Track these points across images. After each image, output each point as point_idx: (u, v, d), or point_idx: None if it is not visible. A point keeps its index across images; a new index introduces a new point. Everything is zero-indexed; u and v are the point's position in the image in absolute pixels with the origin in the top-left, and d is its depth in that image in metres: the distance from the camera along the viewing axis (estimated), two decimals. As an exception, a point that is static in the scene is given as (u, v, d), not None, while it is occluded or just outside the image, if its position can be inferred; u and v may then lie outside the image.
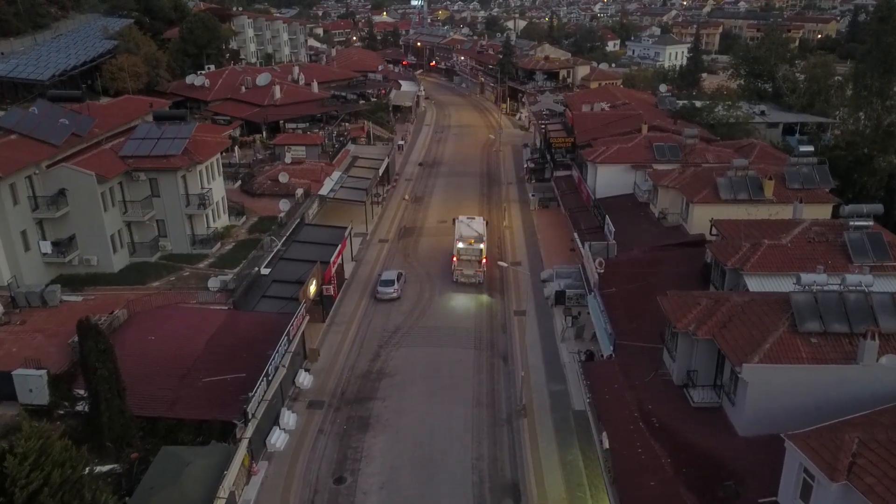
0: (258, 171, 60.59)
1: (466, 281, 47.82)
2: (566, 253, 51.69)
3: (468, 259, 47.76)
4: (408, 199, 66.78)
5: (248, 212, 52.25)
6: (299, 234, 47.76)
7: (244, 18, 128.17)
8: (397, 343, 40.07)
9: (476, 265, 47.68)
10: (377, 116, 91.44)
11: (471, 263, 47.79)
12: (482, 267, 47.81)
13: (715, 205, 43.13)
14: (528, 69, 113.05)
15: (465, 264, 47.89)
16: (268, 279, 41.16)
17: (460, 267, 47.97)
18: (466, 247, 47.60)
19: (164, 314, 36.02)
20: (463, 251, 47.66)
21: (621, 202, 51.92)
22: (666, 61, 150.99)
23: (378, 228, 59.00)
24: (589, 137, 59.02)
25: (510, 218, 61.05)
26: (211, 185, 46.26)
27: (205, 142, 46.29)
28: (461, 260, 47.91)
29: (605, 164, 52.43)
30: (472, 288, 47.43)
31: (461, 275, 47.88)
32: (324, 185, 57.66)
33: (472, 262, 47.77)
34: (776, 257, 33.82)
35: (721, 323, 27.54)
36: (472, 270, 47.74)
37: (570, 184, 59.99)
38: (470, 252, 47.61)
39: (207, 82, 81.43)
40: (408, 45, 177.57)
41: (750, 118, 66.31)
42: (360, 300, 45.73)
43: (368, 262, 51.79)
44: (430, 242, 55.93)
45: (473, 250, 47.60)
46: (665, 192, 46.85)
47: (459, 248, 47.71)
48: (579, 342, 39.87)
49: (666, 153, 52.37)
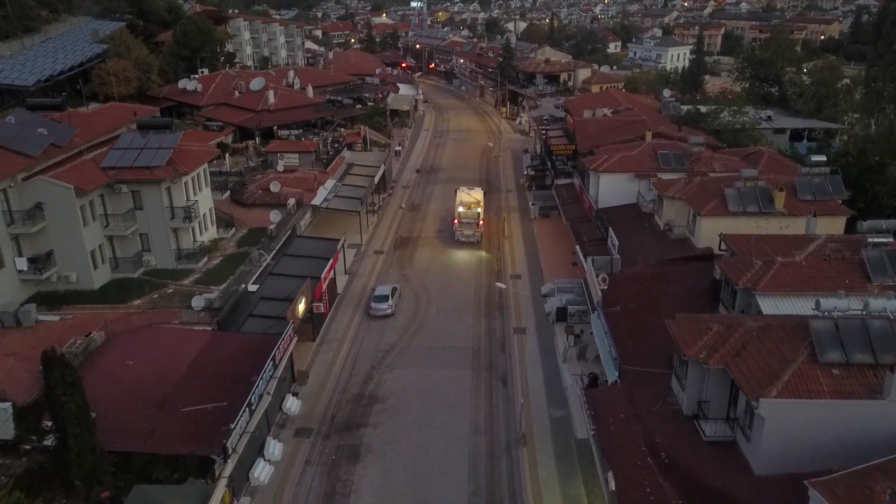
0: (249, 179, 58.76)
1: (466, 240, 55.06)
2: (568, 265, 49.83)
3: (468, 221, 55.09)
4: (404, 207, 64.94)
5: (238, 223, 50.36)
6: (290, 248, 45.90)
7: (240, 21, 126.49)
8: (391, 364, 38.21)
9: (474, 227, 55.07)
10: (374, 121, 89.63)
11: (470, 225, 55.19)
12: (479, 228, 55.20)
13: (723, 217, 41.33)
14: (528, 72, 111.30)
15: (464, 226, 55.21)
16: (255, 296, 39.31)
17: (461, 228, 55.24)
18: (466, 210, 55.02)
19: (143, 336, 34.20)
20: (463, 214, 54.98)
21: (625, 212, 50.07)
22: (668, 63, 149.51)
23: (373, 239, 57.11)
24: (591, 144, 57.18)
25: (510, 228, 59.14)
26: (197, 196, 44.40)
27: (191, 151, 44.43)
28: (462, 222, 55.14)
29: (608, 172, 50.57)
30: (470, 300, 45.67)
31: (462, 234, 55.27)
32: (317, 195, 55.83)
33: (471, 223, 55.16)
34: (790, 276, 32.00)
35: (734, 350, 25.70)
36: (471, 231, 55.22)
37: (572, 192, 58.11)
38: (469, 215, 55.04)
39: (200, 87, 79.66)
40: (407, 48, 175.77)
41: (756, 124, 64.44)
42: (353, 316, 43.86)
43: (362, 275, 49.91)
44: (426, 254, 54.04)
45: (472, 213, 55.10)
46: (671, 203, 45.01)
47: (461, 212, 55.07)
48: (582, 363, 38.00)
49: (671, 161, 50.52)
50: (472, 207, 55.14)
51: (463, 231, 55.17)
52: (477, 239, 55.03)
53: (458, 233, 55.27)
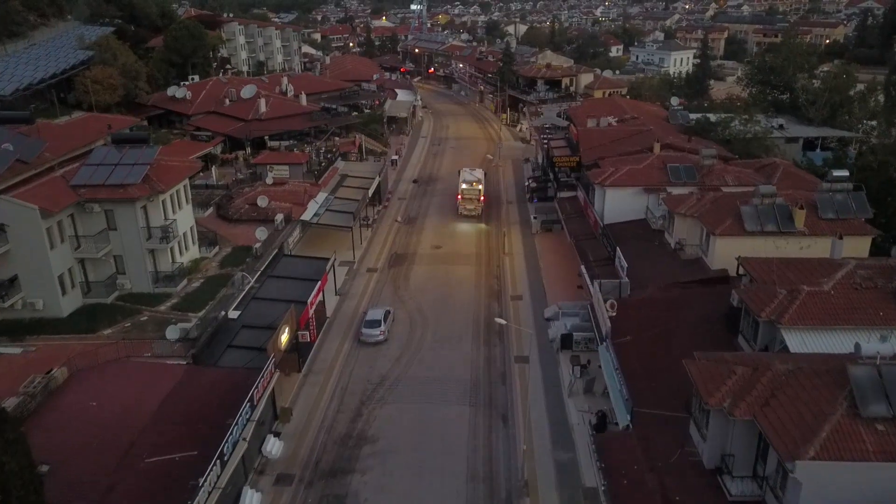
0: (237, 192, 55.96)
1: (468, 214, 61.76)
2: (572, 284, 46.94)
3: (470, 197, 61.97)
4: (400, 220, 62.06)
5: (222, 241, 47.51)
6: (276, 268, 43.04)
7: (235, 25, 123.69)
8: (382, 398, 35.31)
9: (476, 202, 61.86)
10: (371, 129, 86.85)
11: (472, 200, 62.00)
12: (480, 203, 61.86)
13: (739, 237, 38.54)
14: (529, 77, 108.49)
15: (467, 201, 62.00)
16: (236, 324, 36.45)
17: (464, 203, 62.07)
18: (469, 188, 61.96)
19: (111, 372, 31.32)
20: (466, 191, 61.98)
21: (632, 229, 47.22)
22: (671, 67, 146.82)
23: (366, 256, 54.22)
24: (595, 156, 54.36)
25: (510, 243, 56.26)
26: (177, 214, 41.57)
27: (169, 167, 41.62)
28: (465, 198, 61.99)
29: (615, 187, 47.75)
30: (469, 324, 42.83)
31: (464, 209, 62.13)
32: (307, 209, 52.97)
33: (472, 199, 61.99)
34: (818, 307, 29.20)
35: (762, 399, 22.89)
36: (473, 205, 61.95)
37: (576, 206, 55.25)
38: (471, 192, 61.90)
39: (189, 94, 76.91)
40: (406, 52, 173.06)
41: (768, 133, 61.55)
42: (343, 343, 40.96)
43: (354, 296, 47.00)
44: (423, 272, 51.14)
45: (474, 190, 61.96)
46: (682, 220, 42.16)
47: (464, 189, 62.11)
48: (589, 398, 35.12)
49: (681, 175, 47.71)
50: (474, 185, 62.25)
51: (465, 206, 62.08)
52: (478, 213, 61.81)
53: (462, 207, 62.34)
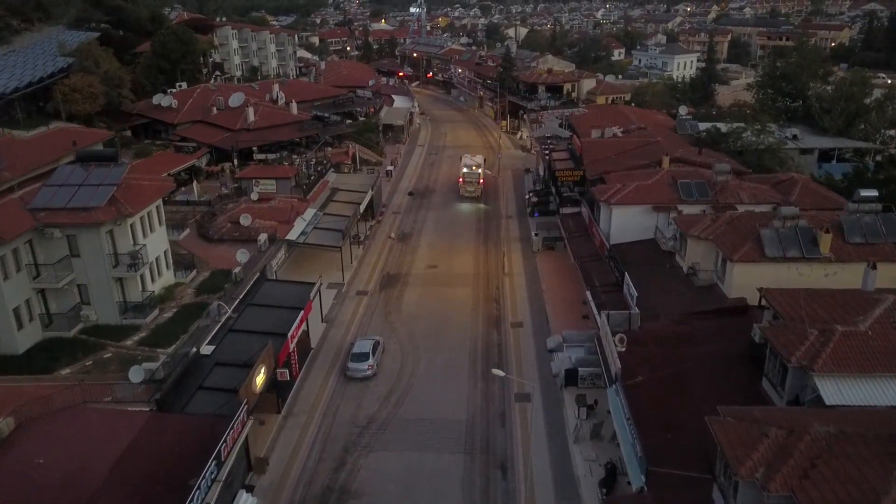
0: (220, 209, 52.70)
1: (469, 195, 67.45)
2: (576, 310, 43.72)
3: (470, 180, 67.68)
4: (394, 237, 58.80)
5: (201, 264, 44.22)
6: (256, 295, 39.80)
7: (228, 29, 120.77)
8: (368, 444, 32.04)
9: (476, 184, 67.66)
10: (365, 138, 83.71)
11: (472, 183, 67.68)
12: (479, 186, 67.81)
13: (759, 263, 35.37)
14: (529, 83, 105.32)
15: (468, 183, 67.78)
16: (209, 362, 33.19)
17: (465, 185, 67.88)
18: (469, 171, 67.86)
19: (64, 421, 28.05)
20: (467, 174, 67.77)
21: (641, 251, 44.04)
22: (674, 71, 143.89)
23: (357, 276, 50.95)
24: (600, 170, 51.18)
25: (510, 263, 52.97)
26: (148, 239, 38.33)
27: (140, 187, 38.40)
28: (466, 181, 67.81)
29: (622, 205, 44.58)
30: (465, 356, 39.64)
31: (465, 191, 67.87)
32: (293, 227, 49.76)
33: (472, 182, 67.67)
34: (855, 351, 26.01)
35: (801, 470, 19.67)
36: (473, 188, 67.70)
37: (580, 223, 51.99)
38: (472, 175, 67.68)
39: (175, 103, 73.63)
40: (404, 56, 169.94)
41: (782, 144, 58.37)
42: (328, 378, 37.70)
43: (342, 324, 43.71)
44: (416, 295, 47.84)
45: (474, 174, 67.71)
46: (695, 243, 38.96)
47: (465, 172, 67.95)
48: (596, 444, 31.87)
49: (693, 192, 44.55)
50: (474, 169, 68.02)
51: (466, 188, 67.84)
52: (478, 194, 67.73)
53: (463, 189, 68.15)
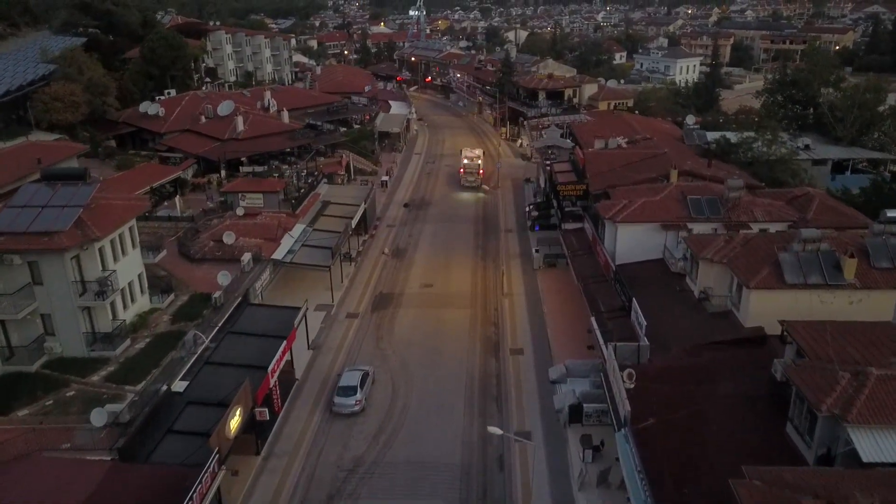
0: (204, 225, 50.03)
1: (470, 185, 73.14)
2: (580, 335, 40.94)
3: (470, 171, 73.51)
4: (387, 253, 56.06)
5: (180, 286, 41.53)
6: (238, 321, 37.10)
7: (221, 34, 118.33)
8: (353, 492, 29.23)
9: (475, 175, 73.38)
10: (360, 146, 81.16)
11: (472, 173, 73.46)
12: (479, 176, 73.49)
13: (778, 290, 32.65)
14: (530, 88, 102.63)
15: (468, 174, 73.53)
16: (181, 401, 30.49)
17: (465, 175, 73.72)
18: (469, 163, 73.85)
19: (15, 473, 25.24)
20: (468, 166, 73.70)
21: (649, 272, 41.27)
22: (677, 75, 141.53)
23: (347, 297, 48.17)
24: (604, 184, 48.48)
25: (510, 281, 50.21)
26: (119, 263, 35.63)
27: (111, 207, 35.70)
28: (466, 172, 73.64)
29: (628, 223, 41.87)
30: (461, 388, 36.92)
31: (466, 180, 73.65)
32: (280, 245, 47.07)
33: (472, 172, 73.46)
34: (893, 398, 23.29)
35: (845, 553, 16.94)
36: (473, 177, 73.39)
37: (583, 240, 49.28)
38: (472, 167, 73.59)
39: (162, 111, 71.04)
40: (402, 60, 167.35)
41: (794, 154, 55.66)
42: (312, 414, 34.93)
43: (329, 350, 40.96)
44: (410, 318, 45.10)
45: (474, 165, 73.69)
46: (708, 266, 36.23)
47: (465, 164, 74.03)
48: (604, 491, 29.12)
49: (704, 209, 41.90)
50: (474, 160, 74.13)
51: (467, 178, 73.75)
52: (477, 184, 73.10)
53: (464, 179, 74.06)
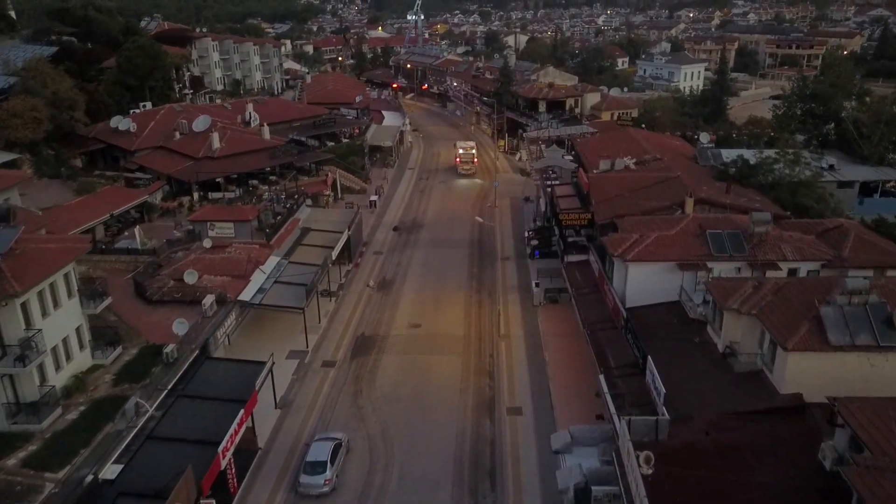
0: (168, 259, 45.04)
1: (466, 172, 79.96)
2: (586, 390, 35.95)
3: (466, 160, 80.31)
4: (372, 285, 51.01)
5: (130, 337, 36.41)
6: (191, 381, 32.07)
7: (208, 41, 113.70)
8: None
9: (470, 163, 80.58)
10: (348, 161, 76.15)
11: (467, 162, 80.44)
12: (474, 165, 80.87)
13: (821, 353, 27.69)
14: (529, 98, 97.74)
15: (464, 163, 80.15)
16: (112, 491, 25.50)
17: (462, 164, 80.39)
18: (465, 152, 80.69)
19: None
20: (463, 155, 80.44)
21: (664, 318, 36.28)
22: (681, 82, 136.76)
23: (325, 340, 43.05)
24: (611, 213, 43.50)
25: (507, 321, 45.13)
26: (50, 317, 30.65)
27: (39, 253, 30.67)
28: (462, 161, 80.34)
29: (640, 262, 36.92)
30: (450, 458, 31.88)
31: (462, 168, 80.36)
32: (250, 283, 42.05)
33: (468, 161, 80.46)
34: None
35: None
36: (468, 166, 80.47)
37: (588, 275, 44.25)
38: (467, 156, 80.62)
39: (134, 126, 66.02)
40: (398, 66, 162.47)
41: (819, 176, 50.69)
42: (276, 494, 29.84)
43: (300, 409, 35.79)
44: (394, 367, 39.90)
45: (469, 154, 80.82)
46: (734, 318, 31.26)
47: (461, 153, 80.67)
48: None
49: (726, 246, 36.98)
50: (468, 150, 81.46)
51: (463, 166, 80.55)
52: (473, 171, 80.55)
53: (460, 167, 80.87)
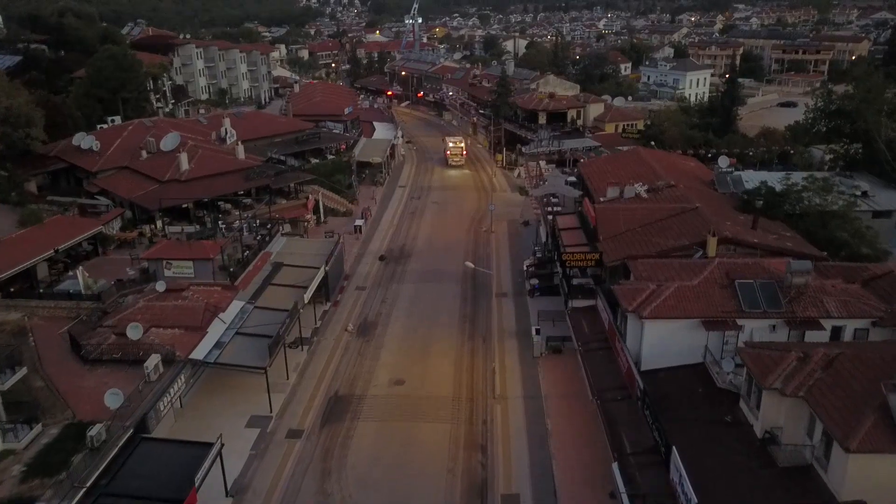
0: (114, 305, 39.42)
1: (456, 164, 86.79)
2: (595, 468, 30.42)
3: (455, 152, 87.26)
4: (351, 329, 45.31)
5: (54, 411, 30.72)
6: (119, 475, 26.42)
7: (191, 48, 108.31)
8: None
9: (460, 155, 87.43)
10: (334, 180, 70.67)
11: (457, 154, 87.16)
12: (463, 157, 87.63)
13: (888, 454, 22.22)
14: (529, 109, 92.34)
15: (454, 155, 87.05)
16: None
17: (452, 156, 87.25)
18: (454, 146, 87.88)
19: None
20: (452, 148, 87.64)
21: (686, 386, 30.74)
22: (686, 89, 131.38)
23: (292, 402, 37.24)
24: (622, 253, 38.05)
25: (503, 377, 39.36)
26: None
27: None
28: (452, 153, 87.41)
29: (658, 318, 31.35)
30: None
31: (452, 160, 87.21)
32: (206, 336, 36.38)
33: (457, 154, 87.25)
34: None
35: None
36: (458, 157, 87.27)
37: (596, 325, 38.59)
38: (456, 149, 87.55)
39: (98, 145, 60.48)
40: (393, 73, 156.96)
41: (852, 205, 45.09)
42: None
43: (256, 496, 29.76)
44: (371, 437, 34.09)
45: (458, 147, 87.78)
46: (776, 399, 25.76)
47: (451, 146, 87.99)
48: None
49: (759, 301, 31.51)
50: (458, 143, 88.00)
51: (453, 158, 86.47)
52: (462, 162, 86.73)
53: (450, 159, 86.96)
